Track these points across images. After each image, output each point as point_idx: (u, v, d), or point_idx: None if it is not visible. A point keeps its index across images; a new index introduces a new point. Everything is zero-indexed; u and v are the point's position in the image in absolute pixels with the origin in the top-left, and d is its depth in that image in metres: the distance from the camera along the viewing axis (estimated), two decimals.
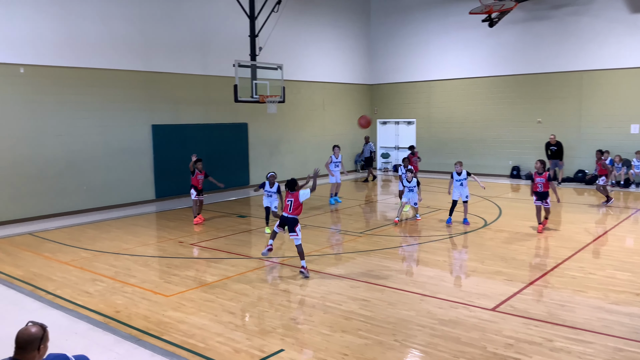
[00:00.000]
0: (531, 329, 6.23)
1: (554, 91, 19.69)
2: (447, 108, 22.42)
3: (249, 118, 19.03)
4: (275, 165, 19.98)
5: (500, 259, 9.30)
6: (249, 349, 5.83)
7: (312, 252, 10.01)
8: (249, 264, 9.30)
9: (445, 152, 22.41)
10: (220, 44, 17.77)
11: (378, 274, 8.56)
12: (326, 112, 22.52)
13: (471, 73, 21.62)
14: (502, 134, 21.03)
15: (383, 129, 24.83)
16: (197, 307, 7.13)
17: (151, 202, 16.16)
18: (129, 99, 15.51)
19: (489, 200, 15.55)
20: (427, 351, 5.70)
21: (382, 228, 12.16)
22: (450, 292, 7.60)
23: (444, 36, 22.15)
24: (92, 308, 7.19)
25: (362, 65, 24.28)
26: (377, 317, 6.64)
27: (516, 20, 20.05)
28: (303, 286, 8.00)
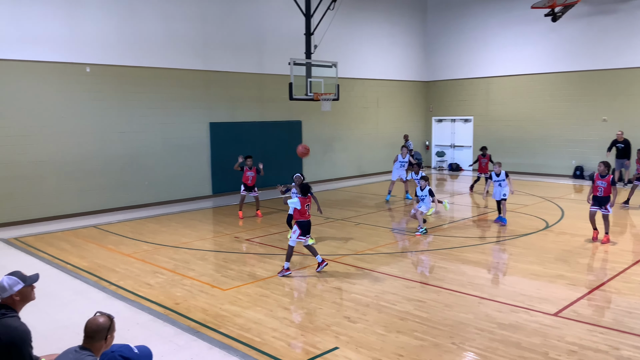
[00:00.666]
0: (596, 335, 5.96)
1: (620, 88, 18.73)
2: (507, 105, 21.76)
3: (303, 116, 19.16)
4: (328, 163, 20.06)
5: (563, 262, 8.95)
6: (303, 345, 5.86)
7: (366, 250, 9.96)
8: (302, 260, 9.36)
9: (503, 151, 21.74)
10: (276, 42, 17.96)
11: (434, 274, 8.42)
12: (380, 109, 22.35)
13: (532, 69, 20.88)
14: (565, 133, 20.20)
15: (439, 126, 24.40)
16: (252, 302, 7.24)
17: (208, 197, 16.55)
18: (188, 97, 15.93)
19: (551, 201, 14.99)
20: (485, 355, 5.55)
21: (437, 228, 11.95)
22: (510, 295, 7.37)
23: (504, 31, 21.50)
24: (153, 299, 7.43)
25: (418, 62, 23.94)
26: (434, 319, 6.52)
27: (581, 14, 19.20)
28: (357, 285, 7.97)
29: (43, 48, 12.98)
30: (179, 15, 15.49)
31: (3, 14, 12.33)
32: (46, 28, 12.99)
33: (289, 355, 5.62)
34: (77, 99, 13.70)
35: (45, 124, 13.16)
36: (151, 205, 15.18)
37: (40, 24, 12.88)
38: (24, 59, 12.72)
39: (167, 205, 15.31)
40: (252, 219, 13.25)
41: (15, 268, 4.99)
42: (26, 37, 12.70)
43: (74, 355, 3.49)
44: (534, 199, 15.28)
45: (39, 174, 13.13)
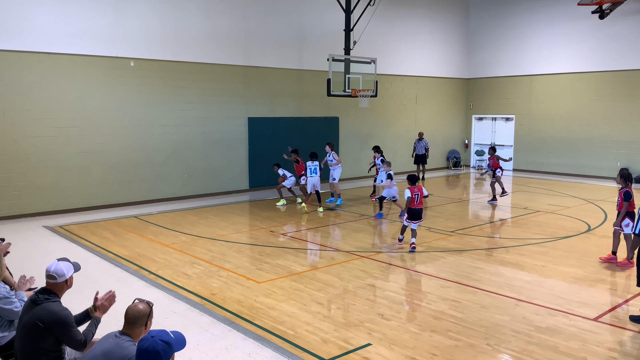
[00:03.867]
0: (637, 342, 5.77)
1: None
2: (550, 104, 21.19)
3: (340, 112, 19.14)
4: (365, 159, 19.96)
5: (605, 266, 8.68)
6: (336, 340, 5.88)
7: (402, 248, 9.91)
8: (336, 256, 9.38)
9: (546, 150, 21.24)
10: (316, 38, 18.00)
11: (470, 275, 8.30)
12: (419, 106, 22.12)
13: (578, 68, 20.26)
14: (610, 134, 19.54)
15: (479, 125, 23.98)
16: (286, 295, 7.31)
17: (245, 191, 16.76)
18: (227, 92, 16.15)
19: (593, 203, 14.55)
20: (521, 358, 5.45)
21: (474, 228, 11.77)
22: (549, 298, 7.20)
23: (549, 28, 20.93)
24: (190, 289, 7.59)
25: (459, 59, 23.56)
26: (469, 320, 6.44)
27: (630, 12, 18.50)
28: (391, 282, 7.94)
29: (89, 42, 13.38)
30: (221, 10, 15.71)
31: (54, 10, 12.77)
32: (93, 23, 13.38)
33: (321, 350, 5.65)
34: (121, 93, 14.08)
35: (91, 116, 13.59)
36: (190, 197, 15.48)
37: (88, 19, 13.28)
38: (72, 53, 13.15)
39: (205, 198, 15.58)
40: (290, 214, 13.33)
41: (60, 255, 5.18)
42: (74, 32, 13.12)
43: (114, 340, 3.61)
44: (576, 201, 14.86)
45: (84, 165, 13.57)
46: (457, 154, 23.62)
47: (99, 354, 3.56)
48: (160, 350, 3.17)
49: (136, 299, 3.77)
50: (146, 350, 3.17)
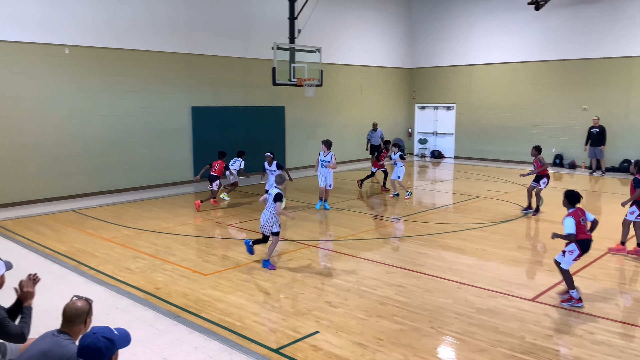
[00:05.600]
0: (572, 320, 6.09)
1: (601, 77, 18.95)
2: (489, 93, 21.89)
3: (286, 101, 19.06)
4: (312, 149, 20.02)
5: (541, 248, 9.09)
6: (284, 329, 5.89)
7: (348, 236, 10.01)
8: (284, 246, 9.37)
9: (485, 138, 21.96)
10: (260, 26, 17.78)
11: (414, 260, 8.50)
12: (364, 95, 22.32)
13: (515, 57, 21.00)
14: (546, 121, 20.41)
15: (421, 114, 24.48)
16: (234, 287, 7.24)
17: (190, 182, 16.43)
18: (170, 80, 15.73)
19: None
20: (464, 339, 5.64)
21: (419, 214, 12.04)
22: (489, 281, 7.47)
23: (488, 19, 21.56)
24: (133, 284, 7.39)
25: (402, 49, 23.90)
26: (413, 304, 6.60)
27: (564, 4, 19.32)
28: (338, 270, 8.01)
29: (21, 28, 12.67)
30: None
31: None
32: (24, 8, 12.67)
33: (269, 339, 5.64)
34: (57, 81, 13.44)
35: (25, 106, 12.91)
36: (132, 189, 15.03)
37: (17, 3, 12.56)
38: (1, 40, 12.42)
39: (148, 190, 15.17)
40: (236, 204, 13.20)
41: None
42: (4, 18, 12.39)
43: (51, 339, 3.47)
44: (514, 187, 15.46)
45: (18, 157, 12.90)
46: (402, 142, 24.02)
47: (37, 354, 3.42)
48: (102, 347, 3.08)
49: (74, 296, 3.63)
50: (88, 347, 3.08)
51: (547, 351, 5.33)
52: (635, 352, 5.29)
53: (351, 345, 5.49)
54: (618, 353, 5.27)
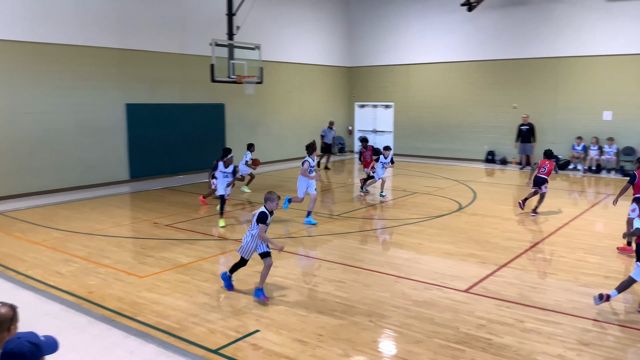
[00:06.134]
0: (503, 310, 6.36)
1: (530, 77, 19.88)
2: (425, 92, 22.48)
3: (226, 99, 18.81)
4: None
5: (474, 241, 9.44)
6: (224, 329, 5.82)
7: (290, 234, 10.01)
8: (224, 245, 9.27)
9: (422, 136, 22.54)
10: (198, 22, 17.45)
11: (354, 256, 8.62)
12: (304, 94, 22.38)
13: (450, 57, 21.67)
14: (479, 119, 21.20)
15: (361, 112, 24.81)
16: (172, 288, 7.09)
17: (125, 182, 15.91)
18: (103, 76, 15.16)
19: (464, 184, 15.72)
20: (401, 331, 5.77)
21: (358, 211, 12.21)
22: (425, 274, 7.69)
23: (424, 19, 22.11)
24: (65, 289, 7.09)
25: (341, 48, 24.12)
26: (353, 299, 6.69)
27: (494, 5, 20.11)
28: (279, 268, 8.00)
29: None
30: None
31: None
32: None
33: (209, 340, 5.56)
34: None
35: None
36: (63, 190, 14.39)
37: None
38: None
39: (80, 191, 14.57)
40: (174, 204, 12.91)
41: None
42: None
43: None
44: (449, 182, 15.96)
45: None
46: (342, 140, 24.30)
47: None
48: (26, 352, 2.94)
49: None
50: (11, 351, 2.93)
51: (479, 340, 5.54)
52: (562, 338, 5.59)
53: (291, 342, 5.50)
54: (545, 340, 5.55)
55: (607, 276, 7.58)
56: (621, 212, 11.59)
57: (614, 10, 17.87)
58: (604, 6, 18.05)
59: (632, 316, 6.20)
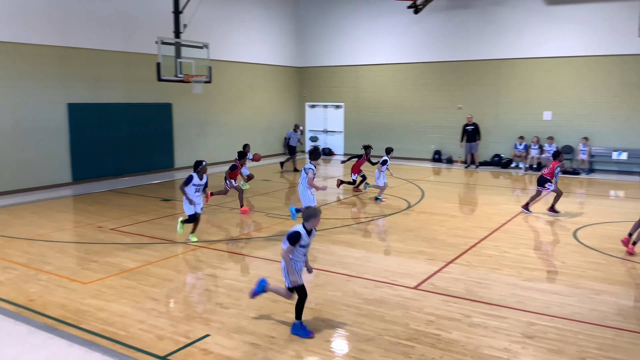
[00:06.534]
0: (451, 305, 6.51)
1: (474, 78, 20.48)
2: (374, 93, 22.77)
3: (173, 98, 18.42)
4: (202, 148, 19.57)
5: (423, 239, 9.62)
6: (173, 335, 5.69)
7: (240, 235, 9.91)
8: (173, 248, 9.07)
9: (372, 136, 22.75)
10: (143, 19, 17.00)
11: None
12: (255, 93, 22.21)
13: (397, 59, 22.03)
14: (426, 119, 21.66)
15: (312, 112, 24.87)
16: (117, 294, 6.87)
17: (68, 185, 15.31)
18: (43, 75, 14.53)
19: (413, 183, 16.02)
20: (352, 330, 5.81)
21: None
22: (375, 272, 7.78)
23: (372, 21, 22.38)
24: (3, 297, 6.74)
25: (292, 48, 24.09)
26: None
27: (440, 8, 20.58)
28: (230, 270, 7.90)
29: None
30: None
31: None
32: None
33: (157, 347, 5.42)
34: None
35: None
36: (1, 194, 13.70)
37: None
38: None
39: (20, 194, 13.91)
40: (120, 207, 12.52)
41: None
42: None
43: None
44: (398, 181, 16.22)
45: None
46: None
47: None
48: None
49: None
50: None
51: (428, 336, 5.65)
52: (507, 332, 5.78)
53: (243, 346, 5.44)
54: (492, 334, 5.73)
55: (548, 270, 7.90)
56: (561, 208, 12.11)
57: (553, 14, 18.66)
58: (543, 9, 18.81)
59: (574, 309, 6.47)
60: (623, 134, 17.98)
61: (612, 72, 18.01)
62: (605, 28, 17.82)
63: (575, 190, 15.29)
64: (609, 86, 18.09)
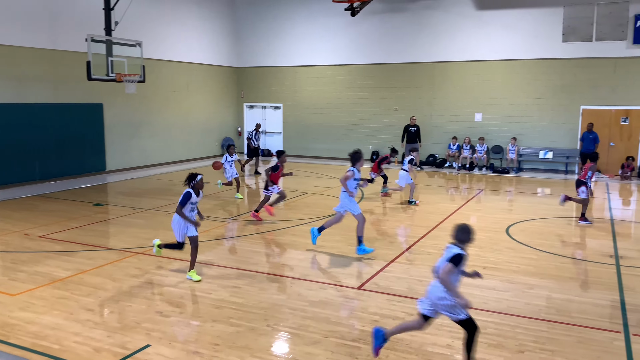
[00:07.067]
0: (394, 304, 6.60)
1: (410, 81, 20.97)
2: (313, 94, 22.84)
3: (105, 98, 17.67)
4: (136, 150, 18.93)
5: (365, 239, 9.69)
6: (110, 347, 5.43)
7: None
8: (107, 255, 8.68)
9: (311, 136, 22.87)
10: (72, 15, 16.21)
11: (248, 259, 8.48)
12: (191, 94, 21.71)
13: (335, 60, 22.20)
14: (364, 120, 21.97)
15: (250, 113, 24.61)
16: (49, 306, 6.48)
17: None
18: None
19: None
20: (298, 334, 5.77)
21: (251, 213, 12.05)
22: (320, 273, 7.78)
23: (310, 22, 22.44)
24: None
25: (228, 47, 23.73)
26: (249, 304, 6.57)
27: (376, 11, 20.93)
28: (169, 277, 7.65)
29: None
30: None
31: None
32: None
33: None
34: None
35: None
36: None
37: None
38: None
39: None
40: (48, 212, 11.86)
41: None
42: None
43: None
44: (338, 182, 16.30)
45: None
46: (231, 141, 23.93)
47: None
48: None
49: None
50: None
51: None
52: (449, 328, 5.90)
53: (186, 355, 5.27)
54: (435, 331, 5.83)
55: (485, 266, 8.17)
56: (493, 205, 12.61)
57: (484, 19, 19.42)
58: (475, 14, 19.53)
59: (510, 303, 6.73)
60: (548, 134, 18.98)
61: (537, 76, 18.97)
62: (531, 33, 18.76)
63: (505, 188, 15.97)
64: (535, 89, 19.05)
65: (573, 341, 5.61)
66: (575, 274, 7.99)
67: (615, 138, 18.26)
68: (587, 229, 10.83)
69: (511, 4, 18.99)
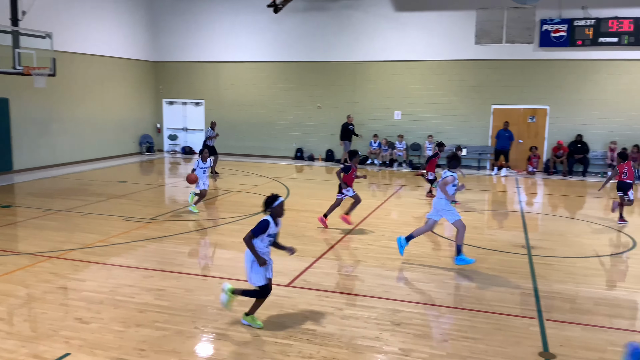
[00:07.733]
0: (323, 300, 6.66)
1: (332, 79, 21.22)
2: (236, 90, 22.52)
3: (11, 93, 16.44)
4: (46, 148, 17.83)
5: (292, 236, 9.72)
6: (26, 357, 5.07)
7: (97, 242, 9.17)
8: (17, 260, 8.10)
9: (235, 134, 22.54)
10: None
11: (172, 260, 8.23)
12: (106, 88, 20.71)
13: (258, 57, 22.02)
14: (288, 118, 21.97)
15: (170, 109, 23.85)
16: None
17: None
18: None
19: (277, 181, 16.15)
20: (228, 334, 5.67)
21: (172, 213, 11.71)
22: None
23: (232, 18, 22.08)
24: None
25: (145, 41, 22.82)
26: (175, 306, 6.38)
27: (298, 9, 20.96)
28: (88, 281, 7.27)
29: None
30: None
31: None
32: None
33: None
34: None
35: None
36: None
37: None
38: None
39: None
40: None
41: None
42: None
43: None
44: (263, 180, 16.25)
45: None
46: (150, 139, 23.11)
47: None
48: None
49: None
50: None
51: (305, 332, 5.72)
52: (377, 321, 6.05)
53: None
54: (363, 324, 5.96)
55: (408, 260, 8.43)
56: (413, 201, 13.04)
57: (402, 20, 20.01)
58: (393, 15, 20.07)
59: (433, 294, 6.99)
60: (463, 132, 19.90)
61: (452, 76, 19.84)
62: (446, 35, 19.57)
63: (423, 184, 16.56)
64: (450, 88, 19.90)
65: (493, 328, 5.93)
66: (491, 265, 8.44)
67: (523, 135, 19.48)
68: (502, 221, 11.46)
69: (428, 6, 19.71)
